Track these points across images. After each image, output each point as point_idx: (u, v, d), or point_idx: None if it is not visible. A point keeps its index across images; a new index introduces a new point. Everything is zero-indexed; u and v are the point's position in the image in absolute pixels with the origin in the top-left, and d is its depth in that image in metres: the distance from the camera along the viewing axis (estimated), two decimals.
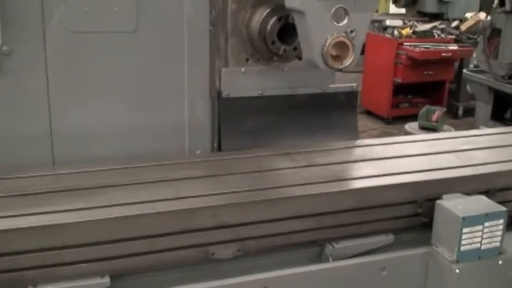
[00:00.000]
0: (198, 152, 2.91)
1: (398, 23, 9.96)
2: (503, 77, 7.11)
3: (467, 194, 2.53)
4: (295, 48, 2.80)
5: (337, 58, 2.32)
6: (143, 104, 2.81)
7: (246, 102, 2.91)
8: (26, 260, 2.01)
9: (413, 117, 7.83)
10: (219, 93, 2.87)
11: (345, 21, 2.26)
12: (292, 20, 2.65)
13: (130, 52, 2.72)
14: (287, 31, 2.76)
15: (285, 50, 2.80)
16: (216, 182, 2.46)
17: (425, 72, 9.48)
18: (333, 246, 2.41)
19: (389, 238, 2.52)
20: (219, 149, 2.93)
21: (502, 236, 2.40)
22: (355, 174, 2.60)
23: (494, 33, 7.22)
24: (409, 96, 10.10)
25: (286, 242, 2.36)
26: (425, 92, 9.99)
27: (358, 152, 2.88)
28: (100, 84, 2.72)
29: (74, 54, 2.64)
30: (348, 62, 2.32)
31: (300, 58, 2.86)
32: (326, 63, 2.29)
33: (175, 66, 2.80)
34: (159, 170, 2.55)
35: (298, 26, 2.36)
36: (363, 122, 9.28)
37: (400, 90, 9.84)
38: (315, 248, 2.46)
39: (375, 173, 2.59)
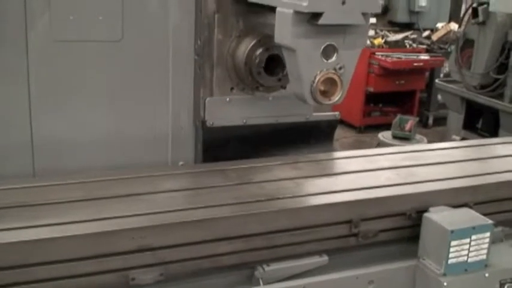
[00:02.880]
0: (180, 163, 2.87)
1: (370, 32, 10.04)
2: (475, 87, 7.21)
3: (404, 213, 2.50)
4: (279, 79, 2.77)
5: (326, 93, 2.29)
6: (127, 114, 2.76)
7: (230, 131, 2.88)
8: None
9: (384, 126, 7.92)
10: (204, 122, 2.82)
11: (334, 58, 2.24)
12: (277, 50, 2.63)
13: (115, 61, 2.67)
14: (273, 61, 2.72)
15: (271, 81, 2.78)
16: (142, 201, 2.32)
17: (397, 82, 9.59)
18: (263, 268, 2.31)
19: (323, 259, 2.41)
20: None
21: (488, 248, 2.41)
22: (290, 192, 2.45)
23: (467, 43, 7.32)
24: (380, 105, 10.19)
25: (212, 265, 2.24)
26: (396, 101, 10.09)
27: (298, 169, 2.75)
28: (83, 94, 2.66)
29: (57, 63, 2.57)
30: (336, 97, 2.31)
31: (284, 87, 2.83)
32: (315, 99, 2.27)
33: (160, 76, 2.76)
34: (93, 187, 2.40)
35: (288, 62, 2.33)
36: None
37: (371, 99, 9.93)
38: (244, 270, 2.34)
39: (311, 192, 2.48)
